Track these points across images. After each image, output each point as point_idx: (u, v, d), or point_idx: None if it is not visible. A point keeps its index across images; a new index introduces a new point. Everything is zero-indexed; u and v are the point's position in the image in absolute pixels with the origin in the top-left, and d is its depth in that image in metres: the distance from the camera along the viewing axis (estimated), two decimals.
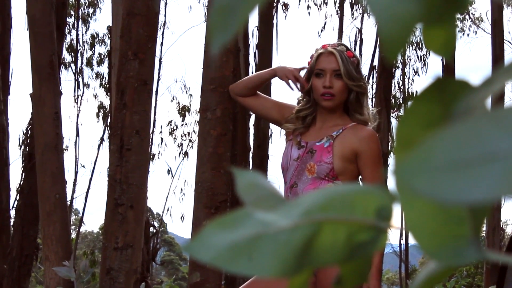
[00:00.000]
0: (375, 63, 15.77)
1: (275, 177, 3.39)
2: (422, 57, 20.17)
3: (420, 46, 20.07)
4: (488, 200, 0.35)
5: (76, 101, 17.87)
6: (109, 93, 15.34)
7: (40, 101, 6.19)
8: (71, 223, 25.06)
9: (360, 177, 3.27)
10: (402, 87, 19.27)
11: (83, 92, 18.06)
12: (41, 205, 6.11)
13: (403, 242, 18.41)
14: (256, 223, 0.52)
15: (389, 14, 0.39)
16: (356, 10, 18.27)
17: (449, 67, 16.26)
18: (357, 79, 3.26)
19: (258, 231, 0.51)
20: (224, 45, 0.45)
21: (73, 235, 19.67)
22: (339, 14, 17.43)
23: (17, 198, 11.86)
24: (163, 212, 20.81)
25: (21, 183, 11.69)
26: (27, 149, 12.10)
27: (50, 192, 6.00)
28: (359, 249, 0.54)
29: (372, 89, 16.38)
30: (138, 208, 4.36)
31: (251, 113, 10.02)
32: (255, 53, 12.73)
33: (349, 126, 3.29)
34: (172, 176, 20.28)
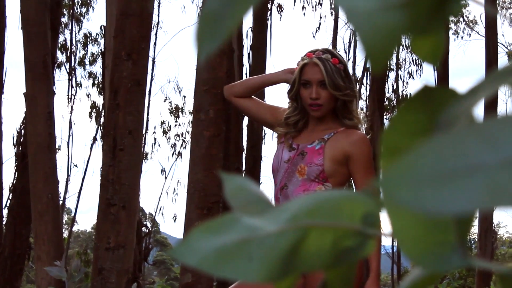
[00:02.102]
0: (369, 64, 15.77)
1: (268, 178, 3.39)
2: (417, 60, 20.19)
3: None
4: (471, 211, 0.35)
5: (69, 100, 17.85)
6: (102, 93, 15.32)
7: (33, 101, 6.18)
8: (64, 222, 25.02)
9: (351, 179, 3.28)
10: (396, 89, 19.29)
11: (76, 92, 18.03)
12: (33, 205, 6.10)
13: (395, 244, 18.44)
14: (243, 227, 0.52)
15: (371, 26, 0.40)
16: None
17: (443, 70, 16.28)
18: (343, 88, 3.24)
19: (245, 235, 0.51)
20: (211, 53, 0.46)
21: (66, 235, 19.64)
22: (333, 15, 17.45)
23: (10, 197, 11.84)
24: (155, 212, 20.79)
25: (14, 183, 11.66)
26: (20, 149, 12.08)
27: (42, 192, 5.99)
28: (345, 255, 0.54)
29: (366, 90, 16.39)
30: (130, 208, 4.35)
31: (244, 115, 10.00)
32: (249, 54, 12.73)
33: (340, 130, 3.29)
34: (165, 176, 20.27)
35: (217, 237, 0.52)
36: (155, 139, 20.53)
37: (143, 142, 18.35)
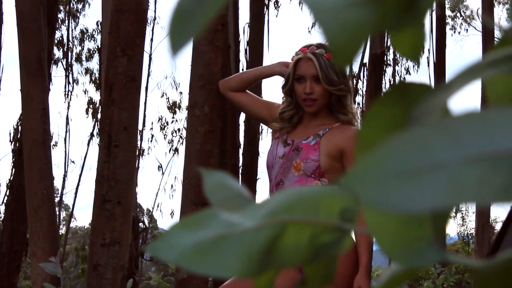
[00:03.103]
0: (366, 60, 15.77)
1: (266, 174, 3.41)
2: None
3: None
4: (435, 209, 0.35)
5: (66, 97, 17.84)
6: (99, 89, 15.31)
7: (28, 97, 6.18)
8: (62, 218, 25.02)
9: None
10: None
11: (72, 88, 18.03)
12: (28, 201, 6.09)
13: None
14: (221, 223, 0.52)
15: (336, 23, 0.39)
16: None
17: (440, 65, 16.29)
18: (337, 83, 3.25)
19: (223, 231, 0.52)
20: (183, 48, 0.46)
21: (64, 231, 19.64)
22: None
23: (7, 193, 11.83)
24: (153, 208, 20.81)
25: (11, 179, 11.66)
26: (17, 145, 12.07)
27: (37, 188, 5.98)
28: (323, 250, 0.54)
29: (363, 86, 16.39)
30: (125, 204, 4.35)
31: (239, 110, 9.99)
32: (246, 50, 12.72)
33: (335, 126, 3.29)
34: (162, 172, 20.28)
35: (195, 233, 0.52)
36: (152, 135, 20.54)
37: (140, 138, 18.38)
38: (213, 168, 4.07)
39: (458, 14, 23.33)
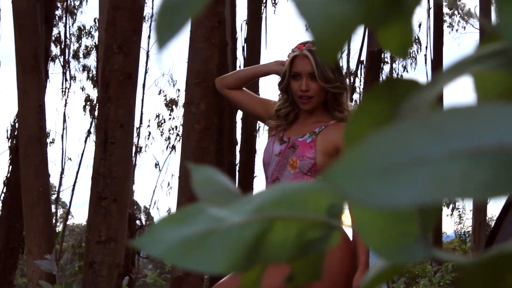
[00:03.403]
0: (363, 57, 15.78)
1: (262, 171, 3.41)
2: (412, 53, 20.20)
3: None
4: (418, 204, 0.35)
5: (63, 94, 17.83)
6: (96, 86, 15.31)
7: (24, 94, 6.17)
8: (59, 216, 25.01)
9: None
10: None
11: (70, 85, 18.02)
12: (24, 198, 6.09)
13: None
14: (208, 218, 0.52)
15: (321, 17, 0.39)
16: None
17: (437, 62, 16.30)
18: (333, 80, 3.25)
19: (210, 226, 0.51)
20: (169, 43, 0.46)
21: (61, 228, 19.63)
22: None
23: (4, 190, 11.84)
24: (150, 205, 20.81)
25: (8, 176, 11.66)
26: (14, 142, 12.07)
27: (33, 185, 5.98)
28: (310, 246, 0.54)
29: (360, 83, 16.40)
30: (121, 201, 4.35)
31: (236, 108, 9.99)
32: (243, 48, 12.72)
33: (331, 123, 3.29)
34: (159, 169, 20.28)
35: (182, 228, 0.51)
36: (149, 132, 20.54)
37: (137, 135, 18.37)
38: (209, 165, 4.07)
39: (456, 12, 23.35)
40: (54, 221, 17.35)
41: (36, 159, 6.06)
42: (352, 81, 16.77)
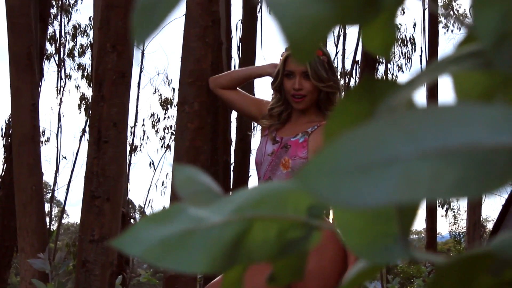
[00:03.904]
0: (358, 57, 15.79)
1: (255, 170, 3.42)
2: (407, 54, 20.22)
3: (405, 43, 20.12)
4: (388, 204, 0.35)
5: (58, 92, 17.82)
6: (91, 85, 15.28)
7: (17, 92, 6.16)
8: (54, 214, 24.98)
9: None
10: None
11: (65, 84, 18.00)
12: (17, 197, 6.08)
13: None
14: (188, 218, 0.52)
15: (295, 19, 0.39)
16: None
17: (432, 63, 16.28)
18: (326, 79, 3.25)
19: (190, 226, 0.51)
20: (145, 41, 0.46)
21: (55, 227, 19.61)
22: None
23: None
24: (144, 204, 20.79)
25: (3, 174, 11.64)
26: (9, 140, 12.06)
27: (26, 184, 5.97)
28: (291, 246, 0.54)
29: (355, 83, 16.41)
30: (114, 200, 4.35)
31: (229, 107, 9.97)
32: (238, 47, 12.71)
33: (323, 123, 3.30)
34: (154, 169, 20.27)
35: (162, 227, 0.51)
36: (144, 131, 20.53)
37: (132, 134, 18.34)
38: (202, 165, 4.07)
39: (451, 13, 23.37)
40: (49, 220, 17.33)
41: (29, 157, 6.05)
42: (347, 81, 16.77)
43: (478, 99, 0.52)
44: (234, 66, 12.31)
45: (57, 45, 18.06)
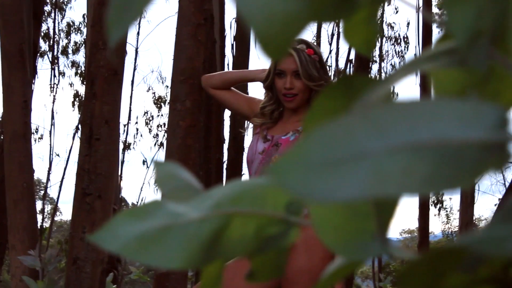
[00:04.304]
0: (352, 56, 15.79)
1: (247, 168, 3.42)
2: (400, 53, 20.22)
3: (399, 42, 20.13)
4: (358, 199, 0.35)
5: (52, 89, 17.79)
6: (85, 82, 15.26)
7: (8, 89, 6.15)
8: (47, 212, 24.95)
9: None
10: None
11: (58, 81, 17.98)
12: (8, 194, 6.07)
13: None
14: (166, 214, 0.52)
15: (265, 15, 0.39)
16: None
17: None
18: (317, 78, 3.25)
19: (168, 222, 0.51)
20: (121, 38, 0.46)
21: (48, 224, 19.57)
22: None
23: None
24: (137, 202, 20.75)
25: None
26: (1, 137, 12.03)
27: (17, 181, 5.96)
28: (269, 243, 0.54)
29: None
30: (106, 198, 4.34)
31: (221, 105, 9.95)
32: (232, 45, 12.70)
33: None
34: (147, 166, 20.24)
35: (140, 223, 0.51)
36: (137, 129, 20.52)
37: (126, 132, 18.32)
38: (194, 163, 4.07)
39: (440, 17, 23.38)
40: (41, 217, 17.30)
41: (20, 154, 6.04)
42: None
43: (456, 96, 0.52)
44: (228, 64, 12.30)
45: (51, 42, 18.03)
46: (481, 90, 0.52)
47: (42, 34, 16.74)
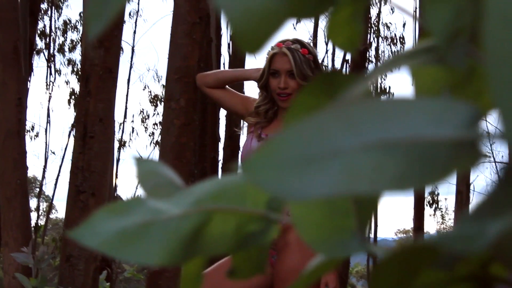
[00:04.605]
0: (348, 56, 15.80)
1: None
2: (396, 53, 20.21)
3: (395, 42, 20.14)
4: (330, 196, 0.35)
5: (48, 87, 17.78)
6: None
7: (3, 87, 6.15)
8: (42, 209, 24.93)
9: None
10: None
11: (54, 79, 17.97)
12: (1, 191, 6.06)
13: (371, 235, 18.50)
14: (146, 210, 0.52)
15: (242, 10, 0.39)
16: None
17: None
18: (311, 78, 3.26)
19: (148, 218, 0.51)
20: (100, 33, 0.46)
21: (43, 222, 19.56)
22: None
23: None
24: None
25: None
26: None
27: (11, 178, 5.96)
28: (249, 239, 0.54)
29: None
30: (100, 195, 4.34)
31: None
32: (229, 44, 12.70)
33: None
34: None
35: (120, 219, 0.51)
36: (133, 127, 20.50)
37: (121, 130, 18.31)
38: (188, 161, 4.06)
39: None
40: (37, 214, 17.29)
41: (14, 151, 6.03)
42: None
43: (438, 94, 0.52)
44: (224, 63, 12.30)
45: (47, 40, 18.01)
46: (463, 90, 0.52)
47: (39, 31, 16.71)
